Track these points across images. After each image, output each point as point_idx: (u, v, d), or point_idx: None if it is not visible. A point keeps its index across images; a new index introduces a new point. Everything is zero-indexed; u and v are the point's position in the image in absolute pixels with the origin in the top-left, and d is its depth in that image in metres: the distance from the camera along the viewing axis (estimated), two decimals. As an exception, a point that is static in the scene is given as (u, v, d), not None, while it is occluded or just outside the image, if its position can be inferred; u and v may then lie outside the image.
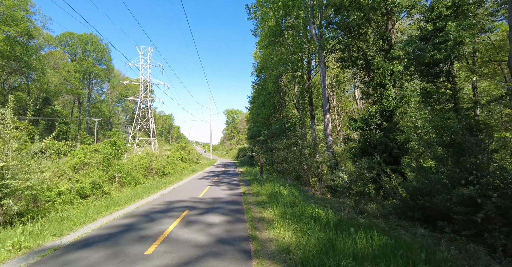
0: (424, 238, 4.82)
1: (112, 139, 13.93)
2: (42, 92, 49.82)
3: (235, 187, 12.50)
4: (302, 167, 14.39)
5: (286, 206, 6.67)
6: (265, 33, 27.89)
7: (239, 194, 10.32)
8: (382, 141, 10.42)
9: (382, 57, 10.82)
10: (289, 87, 31.01)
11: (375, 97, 11.14)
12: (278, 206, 6.86)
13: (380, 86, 11.01)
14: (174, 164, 23.98)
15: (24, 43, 40.06)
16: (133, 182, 13.88)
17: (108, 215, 6.92)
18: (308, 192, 11.40)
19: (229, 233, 5.11)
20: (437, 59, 6.68)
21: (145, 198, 9.49)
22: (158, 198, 9.35)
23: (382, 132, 11.00)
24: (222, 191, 11.19)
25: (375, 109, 11.02)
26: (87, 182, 9.20)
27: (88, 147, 14.98)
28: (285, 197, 8.21)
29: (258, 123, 34.33)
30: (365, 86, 12.30)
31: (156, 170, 18.93)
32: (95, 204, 7.76)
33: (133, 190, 11.16)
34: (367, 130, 11.28)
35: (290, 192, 9.42)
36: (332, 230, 4.45)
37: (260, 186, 10.97)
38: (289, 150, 16.00)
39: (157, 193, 10.64)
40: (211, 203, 8.40)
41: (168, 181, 14.45)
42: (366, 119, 11.28)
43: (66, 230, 5.45)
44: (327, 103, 17.42)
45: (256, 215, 6.68)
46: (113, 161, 13.80)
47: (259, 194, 9.60)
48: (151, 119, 54.29)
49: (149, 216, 6.68)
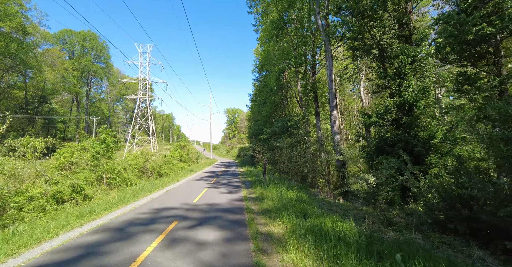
0: (486, 264, 3.61)
1: (101, 136, 12.74)
2: (39, 90, 48.76)
3: (235, 189, 11.27)
4: (308, 167, 13.19)
5: (298, 216, 5.42)
6: (266, 27, 26.73)
7: (239, 198, 9.07)
8: (402, 138, 9.20)
9: (402, 43, 9.57)
10: (291, 84, 29.84)
11: (393, 89, 9.91)
12: (288, 216, 5.59)
13: (399, 76, 9.78)
14: (172, 163, 22.82)
15: (19, 39, 38.98)
16: (124, 183, 12.72)
17: (77, 228, 5.57)
18: (318, 196, 10.19)
19: (226, 259, 3.87)
20: (484, 35, 5.46)
21: (130, 203, 8.24)
22: (145, 204, 8.07)
23: (401, 128, 9.78)
24: (221, 194, 9.95)
25: (392, 102, 9.79)
26: (66, 184, 8.02)
27: (76, 145, 13.82)
28: (294, 203, 6.99)
29: (260, 121, 33.13)
30: (379, 78, 11.07)
31: (151, 170, 17.77)
32: (68, 212, 6.53)
33: (122, 193, 9.98)
34: (383, 126, 10.06)
35: (298, 196, 8.22)
36: (371, 259, 3.22)
37: (263, 189, 9.76)
38: (295, 149, 14.77)
39: (147, 197, 9.39)
40: (206, 211, 7.13)
41: (163, 182, 13.27)
42: (383, 113, 10.04)
43: (3, 256, 4.05)
44: (334, 98, 16.19)
45: (261, 229, 5.36)
46: (102, 161, 12.65)
47: (263, 199, 8.36)
48: (150, 118, 53.15)
49: (125, 230, 5.38)
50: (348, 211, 7.12)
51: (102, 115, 72.58)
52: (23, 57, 40.11)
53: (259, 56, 40.62)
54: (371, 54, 10.98)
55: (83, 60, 58.91)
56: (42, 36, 52.70)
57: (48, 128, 52.01)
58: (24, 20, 42.63)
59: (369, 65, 12.03)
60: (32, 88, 48.08)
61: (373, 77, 14.25)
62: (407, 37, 9.76)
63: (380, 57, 11.28)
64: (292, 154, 15.39)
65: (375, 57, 11.53)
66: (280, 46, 27.84)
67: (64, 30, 59.20)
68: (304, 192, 9.39)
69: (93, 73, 64.17)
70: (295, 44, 23.70)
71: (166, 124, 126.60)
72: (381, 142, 10.01)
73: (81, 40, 60.12)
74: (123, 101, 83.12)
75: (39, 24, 46.02)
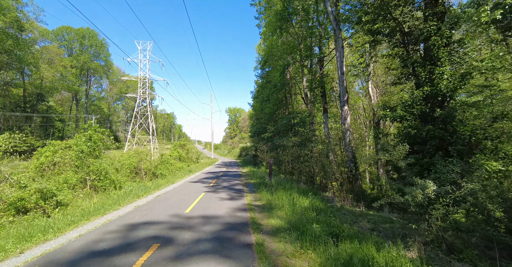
0: None
1: (87, 133, 11.36)
2: (36, 87, 47.63)
3: (237, 195, 9.78)
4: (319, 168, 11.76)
5: (326, 241, 3.95)
6: (270, 20, 25.30)
7: (243, 207, 7.53)
8: (435, 134, 7.73)
9: (435, 22, 8.06)
10: (296, 80, 28.43)
11: (422, 77, 8.43)
12: (312, 240, 4.08)
13: (430, 62, 8.30)
14: (169, 163, 21.43)
15: (15, 35, 37.87)
16: (112, 186, 11.34)
17: (9, 259, 4.00)
18: (334, 202, 8.74)
19: None
20: None
21: (107, 214, 6.76)
22: (125, 215, 6.56)
23: (432, 122, 8.31)
24: (220, 201, 8.42)
25: (421, 93, 8.31)
26: (33, 189, 6.63)
27: (61, 143, 12.47)
28: (311, 214, 5.55)
29: (263, 119, 31.73)
30: (403, 66, 9.59)
31: (145, 170, 16.40)
32: (17, 229, 5.06)
33: (105, 199, 8.58)
34: (411, 120, 8.58)
35: (313, 204, 6.79)
36: None
37: (270, 195, 8.32)
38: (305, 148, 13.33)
39: (131, 204, 7.92)
40: (200, 228, 5.52)
41: (156, 185, 11.88)
42: (410, 105, 8.56)
43: None
44: (346, 92, 14.71)
45: (277, 262, 3.79)
46: (89, 160, 11.28)
47: (271, 209, 6.88)
48: (150, 116, 51.89)
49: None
50: (378, 224, 5.68)
51: (102, 114, 71.52)
52: (20, 54, 39.03)
53: (261, 52, 39.26)
54: (395, 36, 9.48)
55: (82, 58, 57.74)
56: (40, 33, 51.52)
57: (46, 127, 50.91)
58: (21, 16, 41.54)
59: (389, 52, 10.54)
60: (30, 85, 46.96)
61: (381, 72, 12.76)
62: (441, 15, 8.26)
63: (404, 41, 9.81)
64: (300, 153, 13.94)
65: (397, 42, 10.04)
66: (284, 40, 26.49)
67: (63, 27, 58.05)
68: (318, 198, 7.94)
69: (93, 71, 63.07)
70: (300, 38, 22.32)
71: (168, 124, 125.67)
72: (408, 139, 8.54)
73: (80, 37, 58.94)
74: (123, 99, 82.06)
75: (36, 20, 44.84)
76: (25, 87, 46.36)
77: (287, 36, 25.14)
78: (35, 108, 47.91)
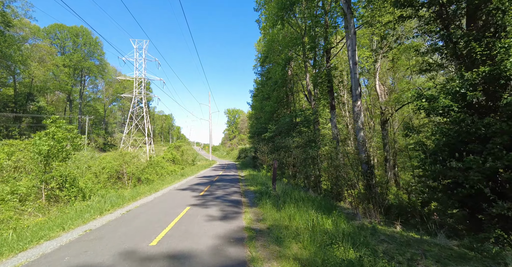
0: None
1: (49, 130, 9.26)
2: (25, 87, 45.53)
3: (232, 210, 7.44)
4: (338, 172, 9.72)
5: None
6: (270, 11, 23.41)
7: (238, 235, 5.08)
8: (503, 128, 5.68)
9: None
10: (299, 76, 26.49)
11: (477, 53, 6.40)
12: None
13: (493, 33, 6.29)
14: (160, 166, 19.32)
15: (1, 31, 35.89)
16: (80, 195, 9.23)
17: None
18: (359, 219, 6.65)
19: None
20: None
21: (30, 248, 4.57)
22: (53, 253, 4.29)
23: (491, 114, 6.27)
24: (207, 223, 5.96)
25: (475, 74, 6.28)
26: None
27: (21, 143, 10.37)
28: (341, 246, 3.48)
29: (263, 119, 29.71)
30: (447, 41, 7.57)
31: (129, 175, 14.28)
32: None
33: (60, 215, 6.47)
34: (461, 111, 6.53)
35: (337, 226, 4.72)
36: None
37: (277, 211, 6.20)
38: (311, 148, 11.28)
39: (82, 227, 5.63)
40: None
41: (134, 193, 9.77)
42: (458, 92, 6.51)
43: None
44: (358, 85, 12.69)
45: None
46: (52, 164, 9.17)
47: (281, 239, 4.57)
48: (146, 116, 49.74)
49: None
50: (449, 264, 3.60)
51: (98, 115, 69.39)
52: (5, 51, 37.02)
53: (261, 49, 37.43)
54: (434, 4, 7.47)
55: (75, 57, 55.67)
56: (31, 30, 49.49)
57: (36, 128, 48.74)
58: (9, 11, 39.62)
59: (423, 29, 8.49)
60: (18, 84, 44.86)
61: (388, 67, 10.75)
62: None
63: (441, 14, 7.80)
64: (306, 155, 11.89)
65: (432, 17, 8.03)
66: (285, 34, 24.64)
67: (55, 24, 56.05)
68: (342, 215, 5.84)
69: (87, 71, 60.99)
70: (303, 30, 20.45)
71: (166, 125, 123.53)
72: (457, 136, 6.49)
73: (73, 35, 56.94)
74: (120, 101, 79.94)
75: (25, 15, 42.80)
76: (16, 86, 44.33)
77: (289, 29, 23.27)
78: (24, 108, 45.77)
